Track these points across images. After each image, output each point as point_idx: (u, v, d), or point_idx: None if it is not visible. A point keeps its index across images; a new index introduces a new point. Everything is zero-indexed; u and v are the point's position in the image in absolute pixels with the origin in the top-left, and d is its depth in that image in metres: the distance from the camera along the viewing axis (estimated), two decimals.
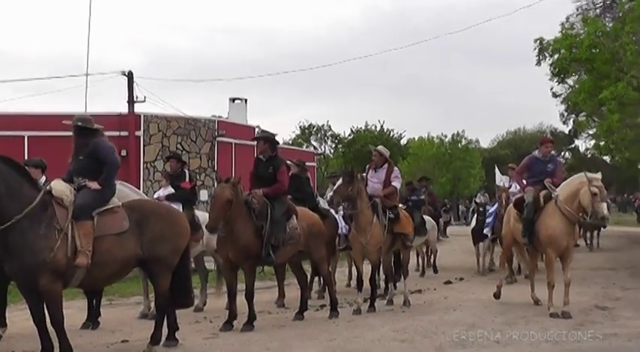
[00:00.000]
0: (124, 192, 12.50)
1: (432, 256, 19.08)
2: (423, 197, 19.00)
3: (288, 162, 15.81)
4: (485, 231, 18.36)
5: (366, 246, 12.58)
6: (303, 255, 12.59)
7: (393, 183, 13.28)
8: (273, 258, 11.40)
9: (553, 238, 11.86)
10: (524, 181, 12.89)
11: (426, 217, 18.53)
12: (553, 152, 13.34)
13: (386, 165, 13.41)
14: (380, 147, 13.98)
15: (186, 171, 13.96)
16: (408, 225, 13.46)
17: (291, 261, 12.51)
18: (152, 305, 12.72)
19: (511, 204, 13.45)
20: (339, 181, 12.85)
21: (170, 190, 13.21)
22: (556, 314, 11.52)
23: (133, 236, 9.07)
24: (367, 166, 13.82)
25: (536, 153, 13.08)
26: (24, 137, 24.99)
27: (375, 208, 12.69)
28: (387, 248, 13.04)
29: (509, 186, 17.63)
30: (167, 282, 9.48)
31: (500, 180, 19.98)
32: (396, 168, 13.69)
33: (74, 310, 12.85)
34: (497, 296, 13.21)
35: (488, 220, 18.16)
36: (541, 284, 12.64)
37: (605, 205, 11.60)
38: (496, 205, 17.82)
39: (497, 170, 21.54)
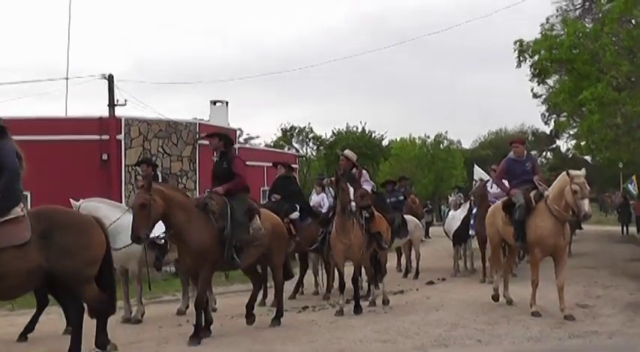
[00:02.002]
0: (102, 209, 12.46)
1: (416, 259, 18.89)
2: (402, 198, 18.80)
3: (278, 164, 16.10)
4: (470, 232, 18.24)
5: (350, 247, 12.53)
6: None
7: (363, 186, 13.20)
8: (238, 262, 10.88)
9: (541, 238, 11.75)
10: (506, 184, 12.83)
11: (408, 217, 18.48)
12: (526, 152, 13.26)
13: (354, 170, 13.36)
14: (347, 152, 13.87)
15: (159, 173, 14.02)
16: (382, 225, 13.47)
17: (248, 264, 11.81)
18: (134, 309, 12.75)
19: (498, 206, 13.14)
20: (352, 189, 12.49)
21: None
22: (537, 312, 11.54)
23: (35, 248, 8.47)
24: (335, 171, 13.62)
25: (511, 154, 13.06)
26: None
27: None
28: (366, 248, 13.03)
29: (486, 185, 17.62)
30: (91, 292, 8.97)
31: (479, 177, 19.82)
32: (364, 171, 13.63)
33: (56, 315, 12.81)
34: (496, 298, 13.10)
35: (472, 222, 18.04)
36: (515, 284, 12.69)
37: (586, 202, 11.40)
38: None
39: (476, 168, 21.29)
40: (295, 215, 14.87)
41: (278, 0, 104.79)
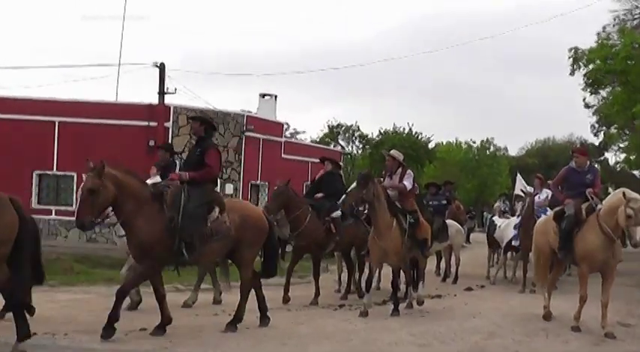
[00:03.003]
0: None
1: (456, 264, 18.67)
2: (445, 202, 18.55)
3: (326, 160, 15.86)
4: (513, 243, 17.96)
5: (386, 250, 12.38)
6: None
7: (403, 182, 13.00)
8: (186, 257, 10.02)
9: (589, 252, 11.24)
10: (561, 193, 12.42)
11: (450, 222, 18.32)
12: (590, 162, 12.73)
13: (400, 170, 13.15)
14: (393, 152, 13.61)
15: (177, 161, 13.53)
16: (427, 231, 13.26)
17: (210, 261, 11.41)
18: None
19: (550, 215, 12.73)
20: (353, 185, 12.54)
21: (157, 180, 12.25)
22: (577, 327, 11.23)
23: None
24: (383, 172, 13.51)
25: (572, 163, 12.58)
26: (55, 122, 25.27)
27: (394, 212, 12.51)
28: (407, 253, 12.86)
29: (535, 194, 17.42)
30: None
31: (520, 188, 19.47)
32: (409, 171, 13.32)
33: (93, 295, 12.93)
34: (547, 317, 12.40)
35: (515, 232, 17.77)
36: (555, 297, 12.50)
37: (638, 230, 10.69)
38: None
39: (519, 177, 20.88)
40: (337, 213, 14.64)
41: (333, 1, 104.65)
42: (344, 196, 12.43)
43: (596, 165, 12.87)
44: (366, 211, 13.64)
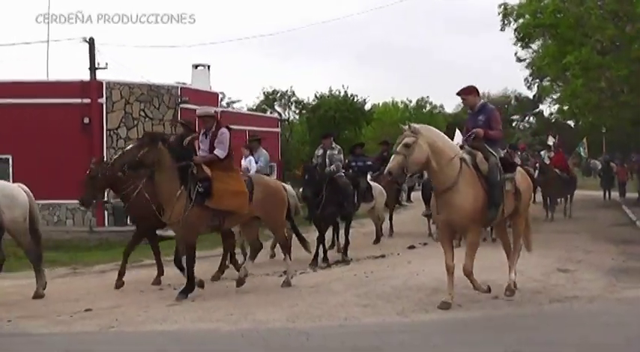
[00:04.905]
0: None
1: (380, 225, 18.79)
2: (369, 163, 18.59)
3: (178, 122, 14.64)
4: None
5: (169, 221, 11.09)
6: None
7: (215, 151, 11.35)
8: None
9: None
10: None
11: (373, 183, 18.47)
12: (483, 102, 11.12)
13: (214, 129, 11.54)
14: (200, 111, 12.17)
15: None
16: (232, 200, 11.17)
17: None
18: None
19: None
20: (132, 144, 10.94)
21: None
22: (447, 303, 9.84)
23: None
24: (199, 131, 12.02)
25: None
26: None
27: (184, 177, 10.91)
28: (205, 224, 11.29)
29: None
30: None
31: (458, 142, 19.54)
32: (222, 131, 11.51)
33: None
34: None
35: None
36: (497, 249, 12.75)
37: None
38: None
39: (458, 132, 21.06)
40: None
41: None
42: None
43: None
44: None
